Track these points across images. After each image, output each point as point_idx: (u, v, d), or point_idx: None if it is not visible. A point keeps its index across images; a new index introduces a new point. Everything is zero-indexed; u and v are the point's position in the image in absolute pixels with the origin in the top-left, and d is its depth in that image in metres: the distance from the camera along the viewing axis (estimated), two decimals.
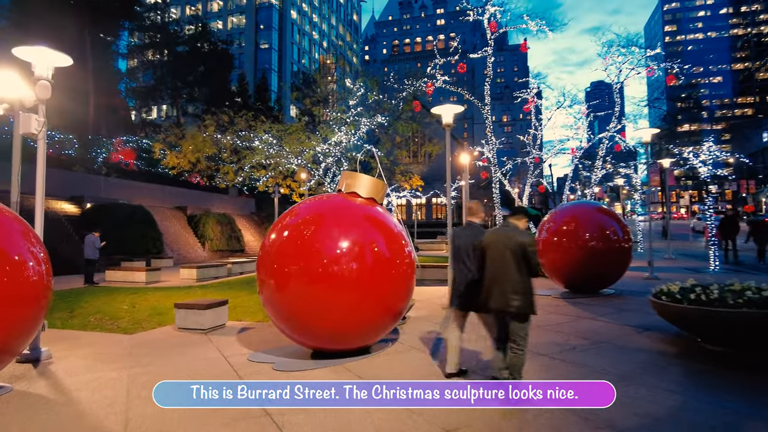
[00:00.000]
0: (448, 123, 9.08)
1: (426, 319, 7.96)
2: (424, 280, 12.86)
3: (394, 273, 5.63)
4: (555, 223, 10.54)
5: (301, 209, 5.92)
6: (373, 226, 5.79)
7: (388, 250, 5.63)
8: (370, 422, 3.81)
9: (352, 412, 3.94)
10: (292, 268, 5.33)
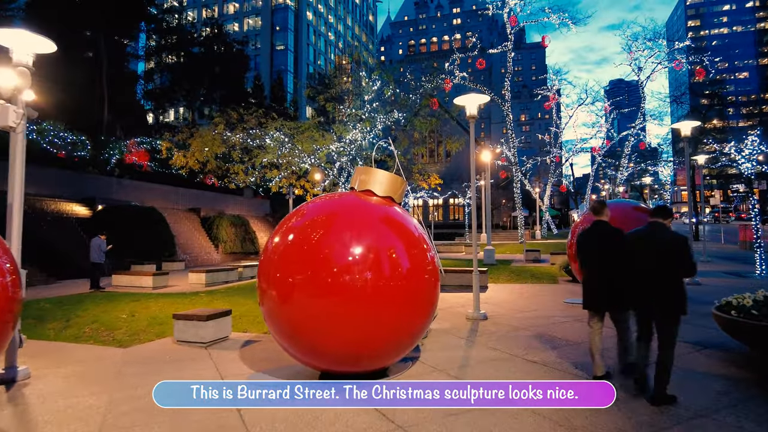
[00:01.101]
0: (473, 114, 8.27)
1: (449, 333, 7.15)
2: (445, 286, 12.00)
3: (415, 283, 4.84)
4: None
5: (309, 209, 5.17)
6: (390, 228, 5.02)
7: (408, 257, 4.85)
8: None
9: None
10: (296, 277, 4.58)
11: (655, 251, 4.21)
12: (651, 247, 4.25)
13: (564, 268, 13.15)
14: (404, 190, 5.49)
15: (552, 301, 9.85)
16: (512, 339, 6.61)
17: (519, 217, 31.85)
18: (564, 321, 7.72)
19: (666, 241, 4.21)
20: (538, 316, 8.19)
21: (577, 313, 8.40)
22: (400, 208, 5.34)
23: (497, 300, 10.07)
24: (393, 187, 5.31)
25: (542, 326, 7.39)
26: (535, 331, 7.08)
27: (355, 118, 16.02)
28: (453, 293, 11.17)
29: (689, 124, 11.44)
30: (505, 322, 7.80)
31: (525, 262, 18.82)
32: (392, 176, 5.32)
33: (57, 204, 19.17)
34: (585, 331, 6.91)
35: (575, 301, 9.56)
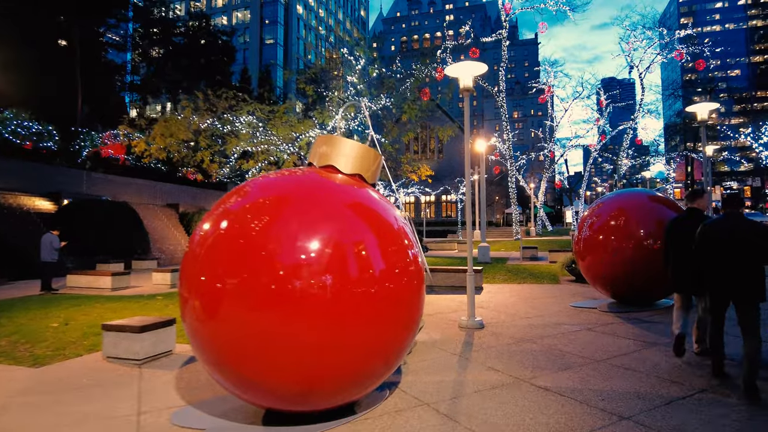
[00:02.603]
0: (467, 87, 7.04)
1: (439, 347, 5.90)
2: (434, 288, 10.80)
3: (392, 290, 3.58)
4: (599, 218, 8.43)
5: (252, 189, 3.86)
6: (359, 217, 3.74)
7: (382, 255, 3.59)
8: None
9: None
10: (227, 282, 3.30)
11: (735, 240, 4.32)
12: (731, 236, 4.35)
13: (567, 266, 11.98)
14: (379, 167, 4.23)
15: (557, 304, 8.65)
16: (515, 355, 5.39)
17: (514, 213, 30.75)
18: (575, 330, 6.52)
19: (744, 229, 4.30)
20: (544, 324, 6.98)
21: (587, 319, 7.20)
22: (374, 191, 4.08)
23: (494, 304, 8.86)
24: (364, 162, 4.05)
25: (549, 337, 6.17)
26: (541, 344, 5.87)
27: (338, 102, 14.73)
28: (444, 295, 9.95)
29: (707, 106, 10.28)
30: (506, 331, 6.58)
31: (522, 260, 17.66)
32: (363, 148, 4.06)
33: (16, 198, 17.70)
34: (601, 343, 5.72)
35: (583, 305, 8.38)
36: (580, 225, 8.74)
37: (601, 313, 7.74)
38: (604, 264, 8.06)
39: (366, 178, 4.06)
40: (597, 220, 8.42)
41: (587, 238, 8.40)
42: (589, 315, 7.59)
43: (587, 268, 8.49)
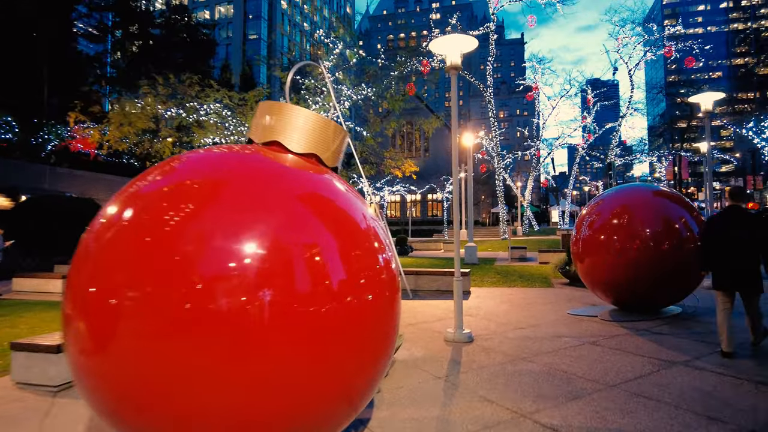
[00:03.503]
0: (454, 64, 6.13)
1: (422, 367, 4.98)
2: (418, 292, 9.89)
3: (355, 306, 2.62)
4: (599, 217, 7.60)
5: (170, 172, 2.87)
6: (312, 212, 2.75)
7: (343, 262, 2.63)
8: None
9: None
10: (125, 297, 2.31)
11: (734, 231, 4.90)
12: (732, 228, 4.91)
13: (560, 268, 11.16)
14: (342, 146, 3.28)
15: (552, 311, 7.80)
16: (512, 379, 4.49)
17: (501, 212, 30.04)
18: (577, 345, 5.65)
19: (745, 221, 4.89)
20: (541, 336, 6.11)
21: (589, 330, 6.35)
22: (335, 179, 3.12)
23: (484, 311, 7.98)
24: (321, 138, 3.10)
25: (549, 354, 5.30)
26: (541, 362, 4.98)
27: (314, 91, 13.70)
28: (428, 301, 9.05)
29: (712, 95, 9.54)
30: (498, 346, 5.69)
31: (510, 260, 16.88)
32: (320, 120, 3.10)
33: None
34: (610, 362, 4.85)
35: (582, 313, 7.55)
36: (578, 224, 7.91)
37: (603, 322, 6.90)
38: (606, 267, 7.24)
39: (324, 160, 3.11)
40: (597, 218, 7.60)
41: (587, 239, 7.57)
42: (590, 325, 6.74)
43: (586, 271, 7.66)
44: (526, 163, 44.13)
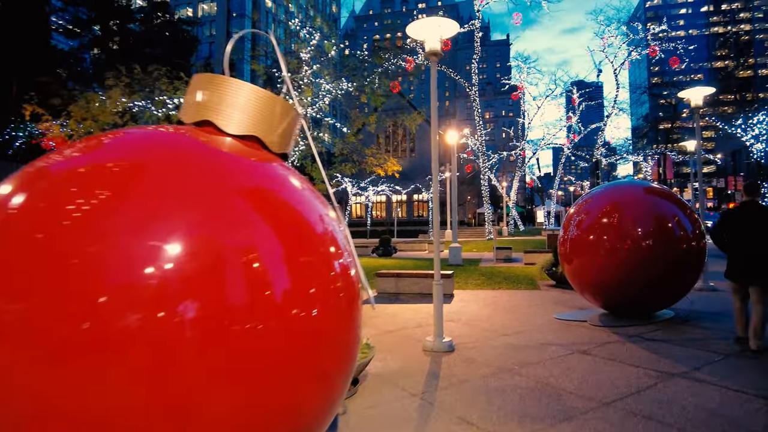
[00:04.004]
0: (434, 50, 5.65)
1: (396, 382, 4.47)
2: (399, 296, 9.41)
3: (303, 321, 2.09)
4: (588, 215, 7.18)
5: (83, 151, 2.28)
6: (253, 208, 2.21)
7: (288, 269, 2.09)
8: None
9: None
10: (5, 311, 1.76)
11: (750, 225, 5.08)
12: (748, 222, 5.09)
13: (546, 269, 10.76)
14: (293, 128, 2.75)
15: (539, 316, 7.37)
16: (495, 396, 4.02)
17: (486, 213, 29.73)
18: (566, 354, 5.20)
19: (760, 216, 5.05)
20: (527, 344, 5.65)
21: (578, 337, 5.91)
22: (284, 168, 2.59)
23: (467, 316, 7.52)
24: (264, 117, 2.57)
25: (537, 365, 4.84)
26: (528, 375, 4.51)
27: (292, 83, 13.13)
28: (409, 305, 8.56)
29: (701, 90, 9.22)
30: (481, 356, 5.22)
31: (495, 261, 16.49)
32: (264, 96, 2.57)
33: None
34: (604, 374, 4.38)
35: (570, 317, 7.12)
36: (565, 223, 7.48)
37: (592, 328, 6.48)
38: (595, 268, 6.82)
39: (267, 144, 2.58)
40: (586, 217, 7.18)
41: (575, 239, 7.14)
42: (579, 331, 6.31)
43: (574, 273, 7.24)
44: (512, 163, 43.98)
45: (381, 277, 9.66)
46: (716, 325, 6.36)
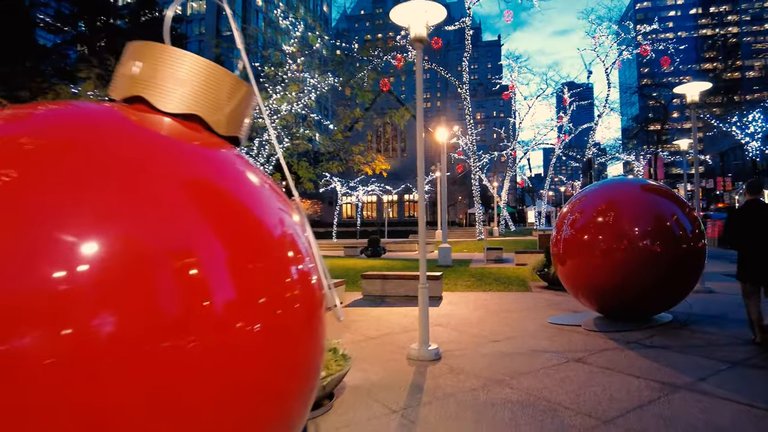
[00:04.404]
0: (419, 36, 5.26)
1: (375, 396, 4.07)
2: (385, 298, 9.02)
3: (250, 336, 1.70)
4: (582, 214, 6.84)
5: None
6: (191, 203, 1.80)
7: (232, 275, 1.69)
8: None
9: None
10: None
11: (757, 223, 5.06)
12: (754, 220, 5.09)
13: (538, 270, 10.43)
14: (245, 107, 2.34)
15: (531, 320, 7.01)
16: (483, 412, 3.63)
17: (477, 213, 29.46)
18: (561, 362, 4.84)
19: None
20: (519, 352, 5.28)
21: (573, 343, 5.55)
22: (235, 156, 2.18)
23: (456, 320, 7.14)
24: (208, 93, 2.15)
25: (529, 375, 4.46)
26: (519, 388, 4.14)
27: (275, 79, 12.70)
28: (396, 308, 8.17)
29: (698, 85, 8.94)
30: (469, 365, 4.83)
31: (486, 262, 16.16)
32: (208, 67, 2.16)
33: None
34: (602, 386, 4.00)
35: (564, 322, 6.77)
36: (559, 222, 7.13)
37: (587, 333, 6.13)
38: (590, 270, 6.47)
39: (212, 125, 2.17)
40: (580, 216, 6.84)
41: (569, 239, 6.80)
42: (573, 336, 5.96)
43: (568, 274, 6.89)
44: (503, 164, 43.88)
45: (366, 278, 9.26)
46: (718, 330, 6.04)
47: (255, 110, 2.56)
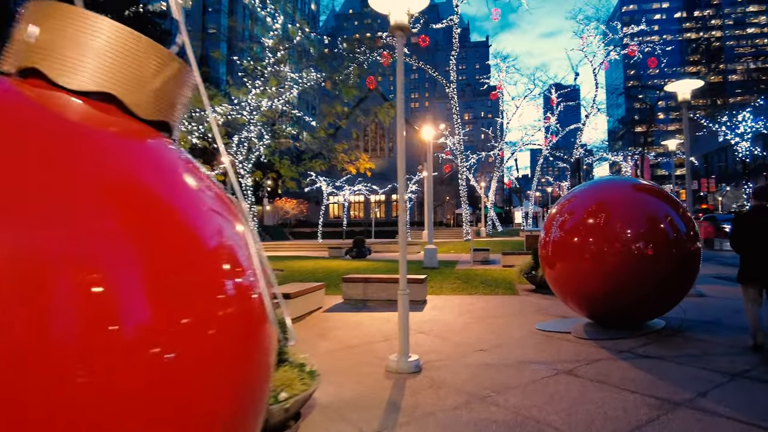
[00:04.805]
0: (399, 23, 4.89)
1: (347, 416, 3.69)
2: (368, 302, 8.64)
3: (171, 367, 1.33)
4: (572, 216, 6.53)
5: None
6: (99, 203, 1.40)
7: (152, 295, 1.31)
8: None
9: None
10: None
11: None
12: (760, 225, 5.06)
13: (525, 273, 10.14)
14: (175, 86, 1.93)
15: (518, 326, 6.69)
16: None
17: (464, 213, 29.22)
18: (550, 374, 4.50)
19: None
20: (504, 363, 4.94)
21: (563, 353, 5.22)
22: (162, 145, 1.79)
23: (439, 326, 6.79)
24: (128, 67, 1.75)
25: (515, 390, 4.12)
26: (505, 405, 3.79)
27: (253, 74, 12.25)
28: (378, 313, 7.80)
29: (690, 83, 8.71)
30: (451, 378, 4.47)
31: (473, 263, 15.86)
32: (123, 33, 1.76)
33: None
34: (595, 403, 3.64)
35: (553, 328, 6.46)
36: (547, 224, 6.82)
37: (577, 341, 5.81)
38: (580, 275, 6.16)
39: (131, 107, 1.76)
40: (570, 217, 6.53)
41: (557, 241, 6.48)
42: (563, 345, 5.64)
43: (556, 278, 6.58)
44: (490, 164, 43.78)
45: (347, 282, 8.87)
46: (712, 338, 5.76)
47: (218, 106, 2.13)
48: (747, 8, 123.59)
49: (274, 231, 41.70)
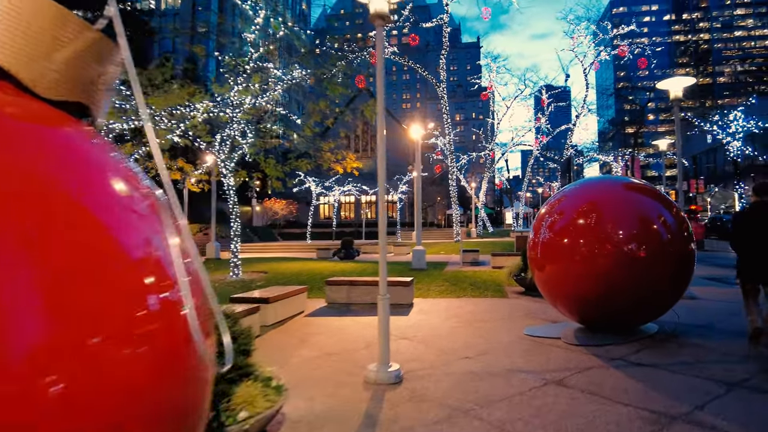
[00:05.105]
0: (380, 11, 4.60)
1: (320, 429, 3.40)
2: (352, 306, 8.33)
3: (71, 396, 1.04)
4: (561, 216, 6.28)
5: None
6: None
7: (47, 315, 1.04)
8: None
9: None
10: None
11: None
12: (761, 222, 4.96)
13: (515, 275, 9.90)
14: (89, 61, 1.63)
15: (506, 331, 6.43)
16: None
17: (454, 214, 29.01)
18: (538, 384, 4.23)
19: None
20: (490, 371, 4.67)
21: (552, 361, 4.96)
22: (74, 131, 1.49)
23: (424, 331, 6.51)
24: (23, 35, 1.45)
25: (501, 402, 3.85)
26: (490, 419, 3.52)
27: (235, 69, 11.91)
28: (362, 317, 7.51)
29: (681, 80, 8.52)
30: (434, 389, 4.19)
31: (462, 265, 15.62)
32: None
33: None
34: (585, 417, 3.34)
35: (542, 333, 6.21)
36: (536, 225, 6.56)
37: (568, 347, 5.55)
38: (570, 278, 5.91)
39: (27, 83, 1.46)
40: (560, 218, 6.28)
41: (547, 243, 6.24)
42: (552, 351, 5.38)
43: (546, 281, 6.33)
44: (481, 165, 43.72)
45: (331, 285, 8.56)
46: (707, 343, 5.54)
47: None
48: (734, 11, 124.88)
49: (263, 232, 41.22)
